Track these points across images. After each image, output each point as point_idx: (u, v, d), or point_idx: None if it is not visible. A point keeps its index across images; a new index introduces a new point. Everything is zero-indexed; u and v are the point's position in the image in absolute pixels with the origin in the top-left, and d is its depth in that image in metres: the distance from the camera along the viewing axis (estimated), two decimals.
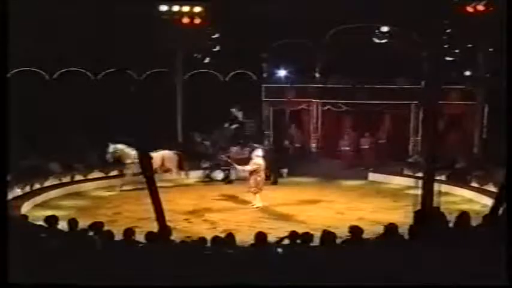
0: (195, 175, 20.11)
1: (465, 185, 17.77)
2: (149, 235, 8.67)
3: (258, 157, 16.26)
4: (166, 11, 19.18)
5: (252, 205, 16.16)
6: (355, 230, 9.01)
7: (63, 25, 18.16)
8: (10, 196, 15.79)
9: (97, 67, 20.96)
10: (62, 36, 18.51)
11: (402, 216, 13.42)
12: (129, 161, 17.96)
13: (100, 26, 18.34)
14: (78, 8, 17.87)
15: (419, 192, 13.49)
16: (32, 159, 17.68)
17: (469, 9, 16.73)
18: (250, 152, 17.04)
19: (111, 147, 18.03)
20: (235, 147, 19.50)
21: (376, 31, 19.31)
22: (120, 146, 18.02)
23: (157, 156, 17.81)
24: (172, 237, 9.30)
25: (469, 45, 18.41)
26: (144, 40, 18.56)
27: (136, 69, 21.52)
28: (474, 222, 10.18)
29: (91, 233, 8.90)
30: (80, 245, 8.07)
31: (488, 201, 14.01)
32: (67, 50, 19.29)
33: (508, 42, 8.61)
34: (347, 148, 21.34)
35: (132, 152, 17.56)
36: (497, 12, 15.75)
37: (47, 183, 17.56)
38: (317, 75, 21.81)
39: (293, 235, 8.95)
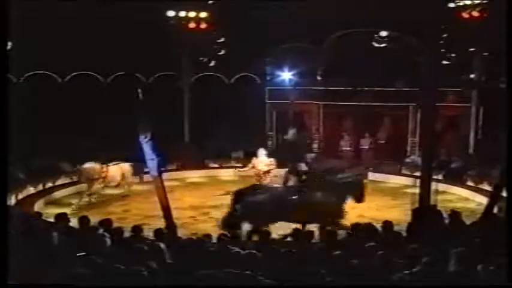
0: None
1: (461, 184, 18.11)
2: (157, 232, 9.14)
3: (263, 155, 16.73)
4: (173, 17, 19.58)
5: None
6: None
7: (74, 29, 18.60)
8: (24, 194, 16.48)
9: (107, 70, 21.52)
10: (72, 40, 19.00)
11: (401, 214, 14.00)
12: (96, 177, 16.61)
13: (109, 30, 18.78)
14: (87, 13, 18.30)
15: (417, 191, 13.99)
16: (44, 159, 18.11)
17: (465, 15, 17.02)
18: None
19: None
20: None
21: (376, 36, 19.59)
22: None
23: (116, 169, 17.11)
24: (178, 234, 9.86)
25: (465, 50, 18.74)
26: (152, 44, 19.09)
27: (145, 72, 22.01)
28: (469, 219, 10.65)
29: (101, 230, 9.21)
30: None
31: (483, 200, 14.44)
32: (78, 54, 19.78)
33: (508, 43, 8.90)
34: (348, 148, 21.78)
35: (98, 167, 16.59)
36: (492, 18, 16.11)
37: (58, 182, 17.99)
38: (319, 78, 22.30)
39: (295, 232, 9.48)
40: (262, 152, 16.83)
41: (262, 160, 16.68)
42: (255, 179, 16.49)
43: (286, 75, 22.32)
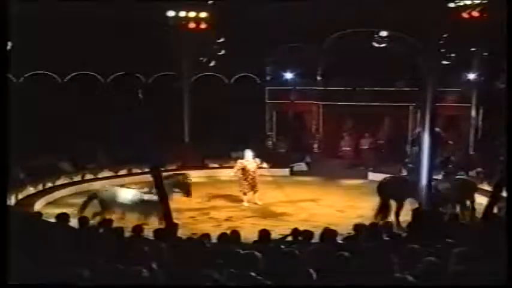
0: None
1: None
2: (157, 232, 9.11)
3: (250, 156, 16.85)
4: (173, 17, 19.62)
5: (254, 203, 16.69)
6: None
7: (74, 29, 18.67)
8: (24, 194, 16.51)
9: (107, 70, 21.56)
10: (72, 40, 19.05)
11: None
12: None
13: (109, 30, 18.82)
14: (87, 13, 18.38)
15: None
16: (44, 159, 18.14)
17: (465, 15, 17.04)
18: None
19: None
20: None
21: (376, 36, 19.65)
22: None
23: None
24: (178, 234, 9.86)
25: (465, 50, 18.81)
26: (152, 45, 19.11)
27: (145, 72, 22.13)
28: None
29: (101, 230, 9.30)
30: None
31: (483, 200, 14.20)
32: (78, 54, 19.81)
33: (508, 42, 8.90)
34: (347, 148, 21.90)
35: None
36: (492, 18, 16.12)
37: (58, 182, 18.09)
38: (319, 78, 22.40)
39: (295, 232, 9.50)
40: (249, 153, 16.90)
41: (250, 161, 16.75)
42: (246, 179, 16.54)
43: (286, 75, 22.42)
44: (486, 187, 16.62)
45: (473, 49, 19.45)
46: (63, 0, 17.66)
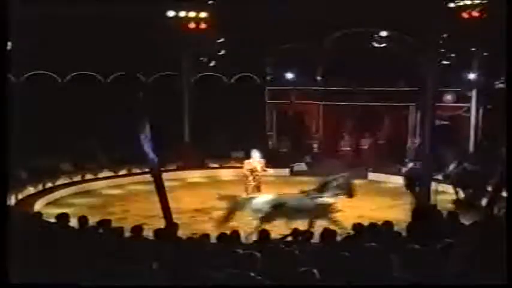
0: None
1: None
2: (157, 231, 9.10)
3: (257, 157, 16.86)
4: (173, 17, 19.64)
5: None
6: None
7: (74, 29, 18.69)
8: (24, 194, 16.52)
9: (107, 71, 21.57)
10: (72, 40, 19.07)
11: (400, 214, 13.90)
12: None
13: (109, 30, 18.81)
14: (86, 13, 18.38)
15: (416, 191, 14.01)
16: (44, 159, 18.15)
17: (465, 15, 17.08)
18: None
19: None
20: None
21: (376, 36, 19.68)
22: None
23: None
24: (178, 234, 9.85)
25: (465, 50, 18.83)
26: (152, 44, 19.11)
27: (145, 72, 22.14)
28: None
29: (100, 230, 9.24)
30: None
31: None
32: (78, 54, 19.81)
33: (508, 42, 8.89)
34: (347, 148, 21.88)
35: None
36: (492, 18, 16.15)
37: (58, 182, 18.12)
38: (319, 78, 22.42)
39: (295, 232, 9.50)
40: (256, 154, 16.87)
41: (258, 161, 16.75)
42: (253, 179, 16.52)
43: (286, 75, 22.43)
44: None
45: (473, 49, 19.46)
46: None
